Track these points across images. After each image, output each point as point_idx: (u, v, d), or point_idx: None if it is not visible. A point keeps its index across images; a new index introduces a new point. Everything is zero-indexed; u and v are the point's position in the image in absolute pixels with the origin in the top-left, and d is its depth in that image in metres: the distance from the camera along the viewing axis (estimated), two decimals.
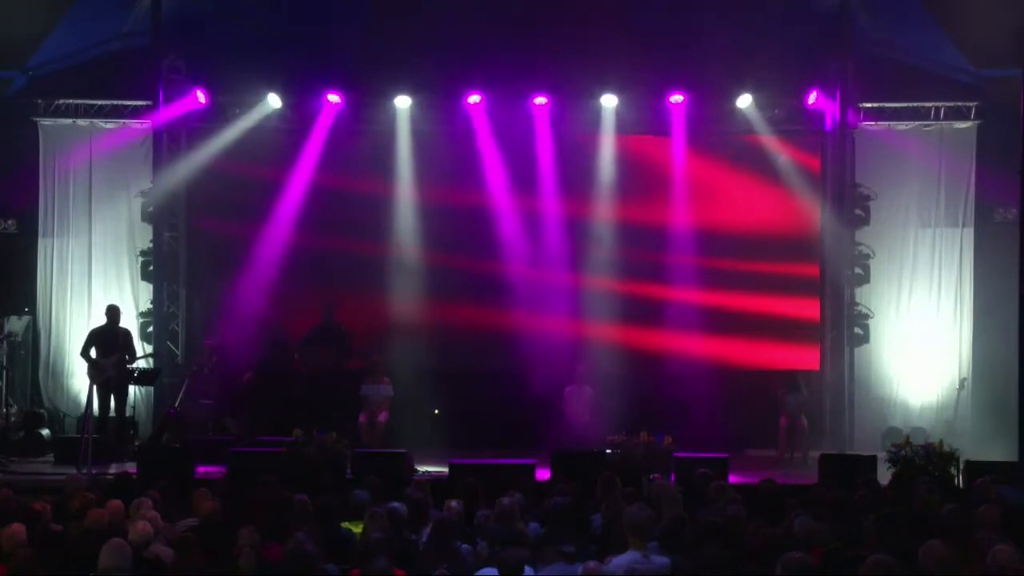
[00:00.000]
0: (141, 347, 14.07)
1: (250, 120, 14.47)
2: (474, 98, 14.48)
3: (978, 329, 14.53)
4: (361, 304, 14.42)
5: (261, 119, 14.52)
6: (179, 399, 13.43)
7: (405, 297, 14.39)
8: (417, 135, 14.72)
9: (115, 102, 14.70)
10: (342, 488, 9.09)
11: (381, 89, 14.54)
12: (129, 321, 13.85)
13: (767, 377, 14.21)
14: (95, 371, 12.68)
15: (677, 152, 14.69)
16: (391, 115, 14.65)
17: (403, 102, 14.57)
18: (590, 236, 14.57)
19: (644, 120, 14.69)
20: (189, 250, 14.77)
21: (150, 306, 14.56)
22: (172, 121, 14.51)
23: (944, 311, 14.69)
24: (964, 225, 14.71)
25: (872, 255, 14.57)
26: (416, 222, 14.56)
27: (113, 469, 11.76)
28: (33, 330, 14.56)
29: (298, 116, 14.64)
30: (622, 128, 14.65)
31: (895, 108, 14.68)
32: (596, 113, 14.67)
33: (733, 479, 10.84)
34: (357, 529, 7.68)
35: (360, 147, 14.76)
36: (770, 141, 14.61)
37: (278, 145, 14.61)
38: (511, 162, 14.68)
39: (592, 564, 6.23)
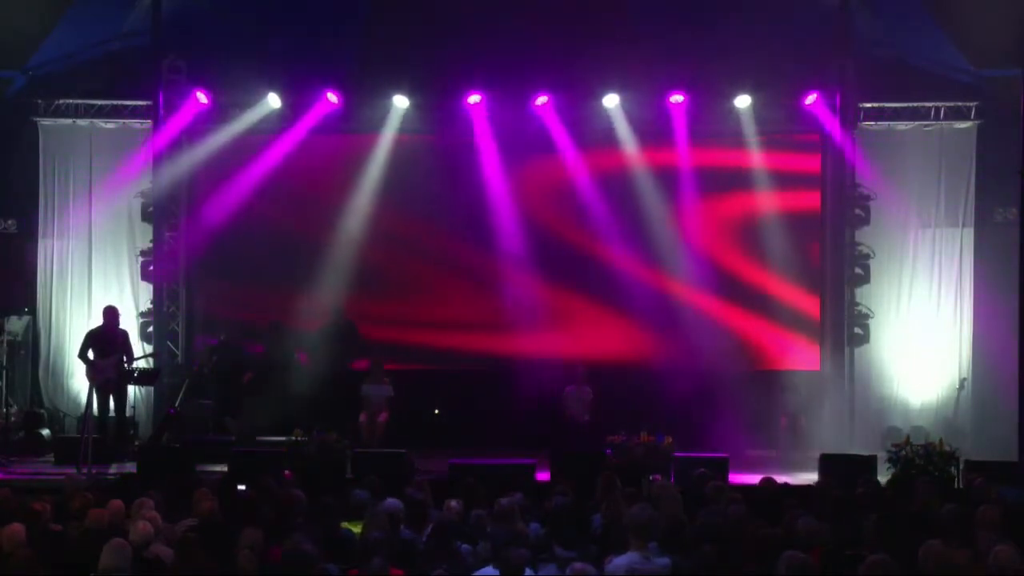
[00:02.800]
0: (141, 347, 14.07)
1: (250, 120, 14.46)
2: (474, 98, 14.47)
3: (978, 329, 14.53)
4: (363, 303, 14.43)
5: (261, 119, 14.51)
6: (179, 399, 13.43)
7: (407, 296, 14.44)
8: (416, 134, 14.74)
9: (115, 102, 14.70)
10: (342, 488, 9.08)
11: (380, 89, 14.54)
12: (129, 321, 13.86)
13: (767, 377, 14.22)
14: (93, 372, 12.68)
15: (677, 152, 14.70)
16: (390, 114, 14.63)
17: (401, 101, 14.57)
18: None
19: (646, 120, 14.68)
20: (189, 250, 14.75)
21: (150, 306, 14.57)
22: (172, 121, 14.49)
23: (944, 311, 14.69)
24: (964, 225, 14.71)
25: (872, 255, 14.57)
26: (417, 218, 14.58)
27: (113, 469, 11.77)
28: (33, 330, 14.56)
29: (298, 115, 14.60)
30: (622, 127, 14.65)
31: (895, 108, 14.68)
32: (598, 112, 14.68)
33: (733, 479, 10.85)
34: (357, 529, 7.68)
35: (362, 144, 14.73)
36: (769, 141, 14.63)
37: (279, 143, 14.58)
38: (512, 161, 14.71)
39: (579, 566, 6.16)
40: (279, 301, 14.21)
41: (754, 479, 10.43)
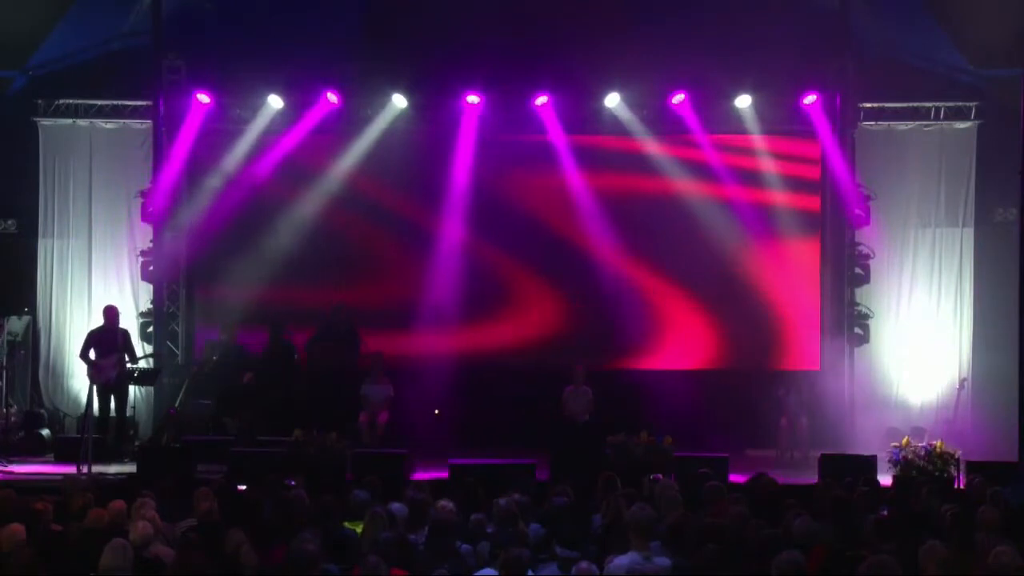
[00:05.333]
0: (141, 347, 14.06)
1: (253, 124, 14.47)
2: (473, 98, 14.47)
3: (978, 329, 14.54)
4: (364, 302, 14.44)
5: (263, 121, 14.51)
6: (179, 399, 13.43)
7: (409, 294, 14.46)
8: (416, 133, 14.76)
9: (115, 102, 14.70)
10: (342, 488, 9.08)
11: (380, 88, 14.54)
12: (129, 321, 13.84)
13: (767, 377, 14.22)
14: (94, 372, 12.68)
15: (678, 151, 14.71)
16: (392, 114, 14.65)
17: (400, 101, 14.57)
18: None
19: (647, 118, 14.68)
20: (189, 249, 14.74)
21: (150, 306, 14.57)
22: (172, 121, 14.49)
23: (944, 311, 14.70)
24: (964, 225, 14.72)
25: (872, 255, 14.57)
26: (422, 218, 14.60)
27: (113, 469, 11.77)
28: (33, 330, 14.55)
29: (298, 115, 14.59)
30: (625, 127, 14.66)
31: (895, 108, 14.68)
32: (598, 113, 14.70)
33: (733, 479, 10.85)
34: (357, 529, 7.67)
35: (361, 144, 14.72)
36: (769, 141, 14.63)
37: (278, 142, 14.58)
38: (515, 160, 14.72)
39: (583, 565, 6.18)
40: (279, 301, 14.21)
41: None
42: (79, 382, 14.02)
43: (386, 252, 14.68)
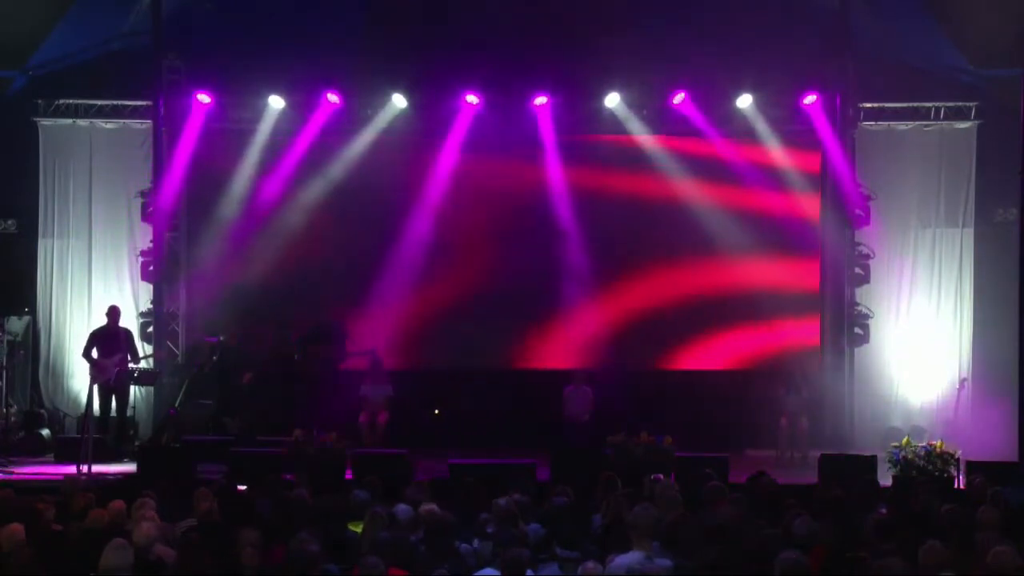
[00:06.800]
0: (141, 347, 14.06)
1: (256, 127, 14.50)
2: (472, 98, 14.47)
3: (978, 329, 14.55)
4: (362, 303, 14.44)
5: (267, 124, 14.53)
6: (179, 399, 13.43)
7: (406, 296, 14.45)
8: (417, 134, 14.76)
9: (115, 102, 14.71)
10: (342, 488, 9.08)
11: (380, 88, 14.55)
12: (129, 321, 13.85)
13: (767, 377, 14.21)
14: (97, 372, 12.67)
15: (678, 150, 14.71)
16: (393, 115, 14.65)
17: (400, 101, 14.58)
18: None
19: (648, 120, 14.68)
20: (189, 250, 14.74)
21: (150, 306, 14.57)
22: (172, 121, 14.49)
23: (944, 311, 14.71)
24: (964, 225, 14.74)
25: (872, 255, 14.57)
26: (423, 218, 14.60)
27: (113, 469, 11.77)
28: (33, 330, 14.55)
29: (299, 116, 14.61)
30: (625, 128, 14.67)
31: (895, 108, 14.69)
32: (598, 113, 14.70)
33: (733, 479, 10.85)
34: (357, 529, 7.67)
35: (361, 144, 14.71)
36: (769, 141, 14.63)
37: (280, 144, 14.59)
38: (512, 160, 14.72)
39: (589, 565, 6.20)
40: (279, 300, 14.21)
41: None
42: (79, 382, 14.03)
43: (385, 251, 14.64)
